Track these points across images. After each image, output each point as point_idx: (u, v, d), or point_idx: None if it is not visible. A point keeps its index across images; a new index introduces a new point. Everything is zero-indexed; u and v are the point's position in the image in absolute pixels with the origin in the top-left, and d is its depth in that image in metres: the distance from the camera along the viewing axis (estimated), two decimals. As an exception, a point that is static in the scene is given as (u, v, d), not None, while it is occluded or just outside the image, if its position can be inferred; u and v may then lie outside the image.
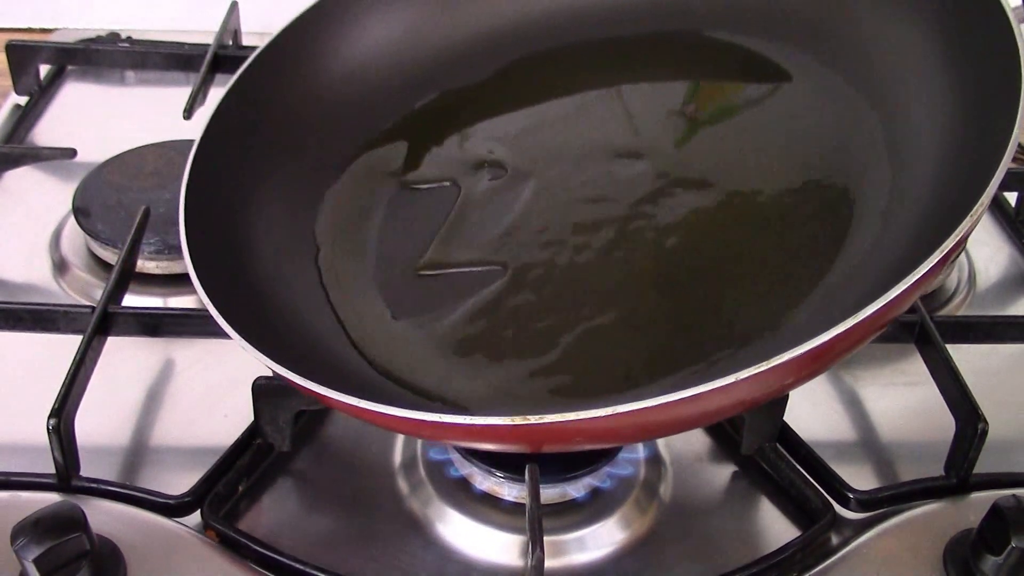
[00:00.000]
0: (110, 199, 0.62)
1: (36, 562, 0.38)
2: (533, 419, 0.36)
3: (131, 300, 0.56)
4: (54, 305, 0.54)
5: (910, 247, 0.44)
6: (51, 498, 0.44)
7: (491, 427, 0.38)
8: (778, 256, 0.48)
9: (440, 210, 0.54)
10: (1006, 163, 0.40)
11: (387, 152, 0.58)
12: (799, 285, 0.47)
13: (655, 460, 0.51)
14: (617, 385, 0.45)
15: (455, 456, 0.49)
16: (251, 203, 0.52)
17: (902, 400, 0.56)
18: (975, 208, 0.38)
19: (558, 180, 0.55)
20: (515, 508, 0.48)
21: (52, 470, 0.46)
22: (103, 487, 0.47)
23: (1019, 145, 0.85)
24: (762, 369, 0.35)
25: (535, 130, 0.58)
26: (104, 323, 0.52)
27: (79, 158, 0.68)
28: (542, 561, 0.43)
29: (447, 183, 0.56)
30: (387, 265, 0.52)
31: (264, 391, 0.48)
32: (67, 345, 0.50)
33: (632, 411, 0.36)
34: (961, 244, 0.38)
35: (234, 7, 0.82)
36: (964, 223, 0.38)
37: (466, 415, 0.39)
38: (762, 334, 0.45)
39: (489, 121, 0.59)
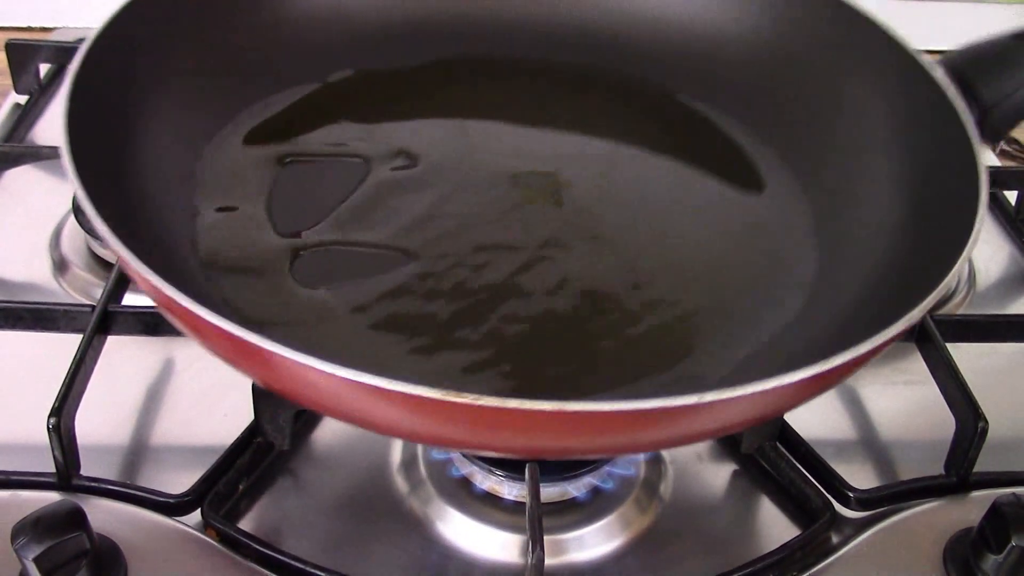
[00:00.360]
0: (110, 198, 0.62)
1: (36, 561, 0.38)
2: (469, 398, 0.33)
3: (131, 299, 0.56)
4: (54, 304, 0.54)
5: (833, 331, 0.45)
6: (51, 497, 0.44)
7: (425, 400, 0.33)
8: (694, 309, 0.48)
9: (345, 182, 0.53)
10: (946, 284, 0.40)
11: (295, 111, 0.56)
12: (709, 341, 0.47)
13: (655, 459, 0.51)
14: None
15: (455, 455, 0.49)
16: (139, 138, 0.49)
17: (902, 399, 0.56)
18: (903, 319, 0.38)
19: (468, 192, 0.54)
20: (515, 507, 0.48)
21: (52, 469, 0.46)
22: (103, 486, 0.47)
23: (1017, 141, 0.86)
24: (667, 405, 0.34)
25: (460, 131, 0.57)
26: (104, 322, 0.52)
27: (79, 157, 0.68)
28: (542, 560, 0.43)
29: (357, 159, 0.55)
30: (284, 228, 0.50)
31: (264, 390, 0.48)
32: (67, 344, 0.50)
33: (559, 411, 0.33)
34: (888, 344, 0.38)
35: (234, 6, 0.82)
36: (898, 324, 0.38)
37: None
38: (669, 384, 0.45)
39: (414, 109, 0.58)
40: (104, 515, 0.44)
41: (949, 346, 0.53)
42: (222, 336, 0.36)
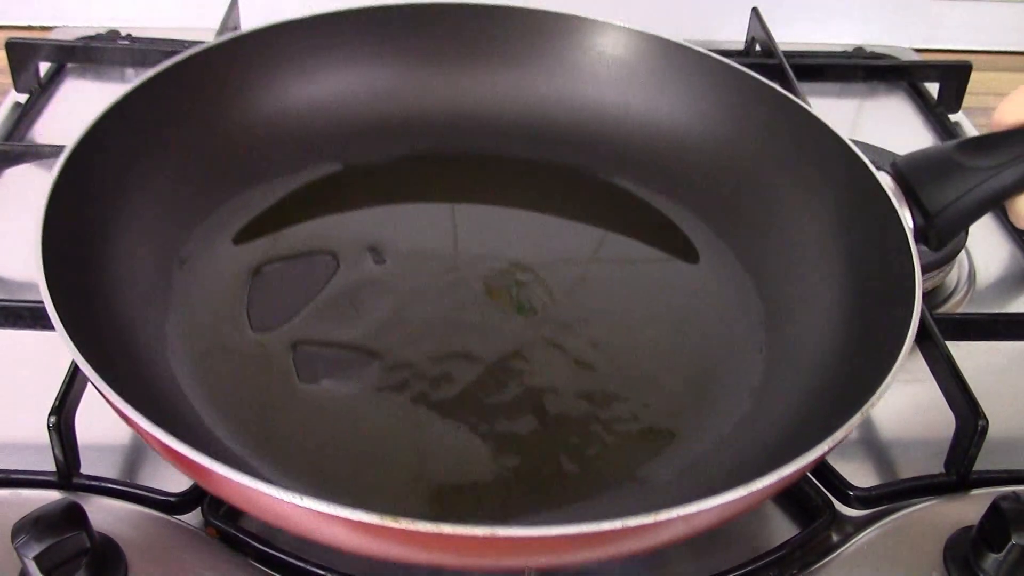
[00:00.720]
0: (110, 197, 0.62)
1: (37, 559, 0.38)
2: (390, 521, 0.34)
3: (131, 298, 0.56)
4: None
5: (783, 433, 0.46)
6: (52, 496, 0.44)
7: (341, 519, 0.35)
8: (645, 412, 0.49)
9: (315, 281, 0.54)
10: (889, 383, 0.42)
11: (272, 210, 0.57)
12: (663, 444, 0.47)
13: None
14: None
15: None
16: (117, 243, 0.50)
17: (902, 397, 0.56)
18: (845, 425, 0.40)
19: (432, 293, 0.54)
20: (515, 505, 0.48)
21: (53, 468, 0.47)
22: (104, 484, 0.47)
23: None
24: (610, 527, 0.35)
25: (428, 227, 0.58)
26: (104, 321, 0.52)
27: (79, 156, 0.68)
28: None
29: (328, 256, 0.56)
30: (257, 327, 0.51)
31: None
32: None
33: (490, 536, 0.35)
34: (827, 452, 0.40)
35: (233, 4, 0.82)
36: (839, 431, 0.40)
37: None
38: (620, 484, 0.46)
39: (385, 207, 0.59)
40: (104, 514, 0.44)
41: (949, 344, 0.53)
42: (169, 452, 0.37)
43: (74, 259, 0.47)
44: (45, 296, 0.42)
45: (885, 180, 0.52)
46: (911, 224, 0.51)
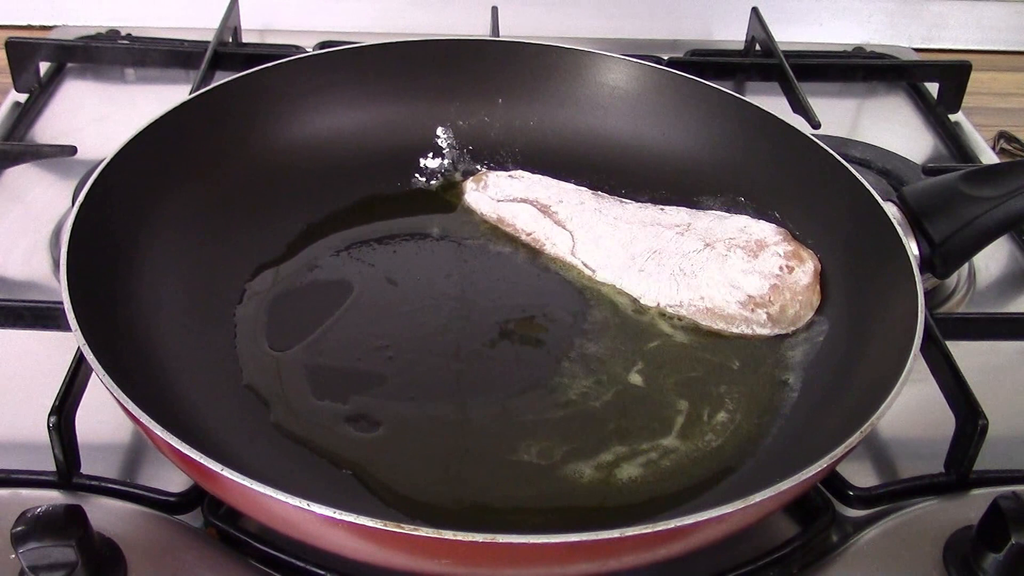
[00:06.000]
0: (110, 196, 0.62)
1: (36, 559, 0.38)
2: (407, 528, 0.36)
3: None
4: (54, 302, 0.54)
5: (786, 453, 0.48)
6: (52, 495, 0.44)
7: (359, 527, 0.37)
8: (653, 435, 0.50)
9: (330, 304, 0.55)
10: (864, 431, 0.43)
11: (293, 236, 0.59)
12: (669, 462, 0.48)
13: (655, 457, 0.51)
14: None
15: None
16: (144, 259, 0.52)
17: (902, 397, 0.56)
18: (832, 454, 0.41)
19: (441, 320, 0.55)
20: (515, 505, 0.48)
21: (53, 467, 0.47)
22: (104, 484, 0.47)
23: (1017, 141, 0.85)
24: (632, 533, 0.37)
25: (442, 256, 0.60)
26: (104, 321, 0.52)
27: (79, 155, 0.68)
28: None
29: (344, 280, 0.57)
30: (275, 346, 0.52)
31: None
32: (67, 342, 0.50)
33: (490, 542, 0.36)
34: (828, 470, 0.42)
35: (234, 4, 0.82)
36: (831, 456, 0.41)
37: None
38: (636, 503, 0.46)
39: (402, 235, 0.61)
40: (104, 513, 0.44)
41: (949, 344, 0.53)
42: (179, 456, 0.39)
43: (98, 277, 0.48)
44: (68, 307, 0.44)
45: (891, 210, 0.53)
46: (916, 253, 0.52)
